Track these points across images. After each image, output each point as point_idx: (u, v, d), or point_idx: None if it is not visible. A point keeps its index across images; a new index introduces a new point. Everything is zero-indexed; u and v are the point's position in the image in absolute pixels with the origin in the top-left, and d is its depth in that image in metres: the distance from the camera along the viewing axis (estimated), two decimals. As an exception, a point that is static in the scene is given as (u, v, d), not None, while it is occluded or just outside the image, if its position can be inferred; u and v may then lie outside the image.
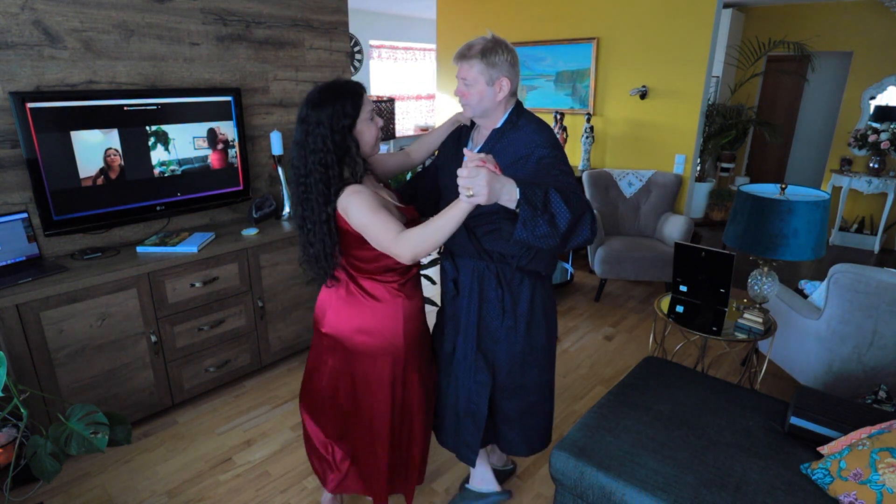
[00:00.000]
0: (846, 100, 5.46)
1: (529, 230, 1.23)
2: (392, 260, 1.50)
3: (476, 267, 1.67)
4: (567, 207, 1.25)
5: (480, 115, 1.59)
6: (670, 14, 4.00)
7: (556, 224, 1.24)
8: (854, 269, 2.26)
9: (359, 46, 6.88)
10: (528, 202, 1.21)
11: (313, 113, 1.40)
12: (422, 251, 1.33)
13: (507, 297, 1.65)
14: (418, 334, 1.68)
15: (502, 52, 1.50)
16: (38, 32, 2.15)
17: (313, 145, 1.39)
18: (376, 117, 1.50)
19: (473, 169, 1.16)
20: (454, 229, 1.29)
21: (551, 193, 1.25)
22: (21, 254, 2.17)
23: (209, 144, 2.66)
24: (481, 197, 1.17)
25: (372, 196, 1.40)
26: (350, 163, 1.43)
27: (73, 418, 1.60)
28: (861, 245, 5.30)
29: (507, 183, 1.21)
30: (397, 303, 1.59)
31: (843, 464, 1.43)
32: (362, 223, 1.39)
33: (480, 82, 1.50)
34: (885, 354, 2.27)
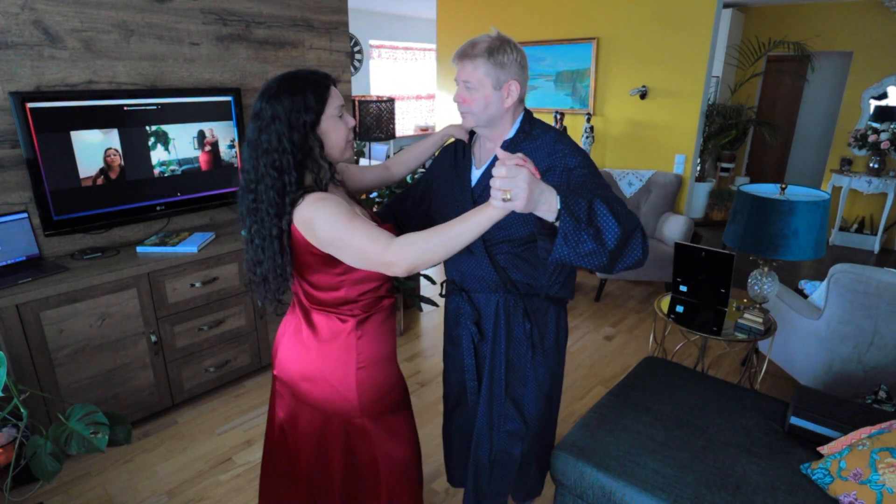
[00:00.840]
0: (846, 100, 5.46)
1: (572, 246, 1.03)
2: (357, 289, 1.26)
3: (501, 302, 1.44)
4: (616, 221, 1.05)
5: (484, 125, 1.36)
6: (670, 14, 4.00)
7: (604, 240, 1.05)
8: (854, 269, 2.26)
9: (359, 46, 6.88)
10: (569, 213, 1.01)
11: (269, 106, 1.14)
12: (426, 261, 1.07)
13: (536, 332, 1.46)
14: (380, 382, 1.34)
15: (511, 50, 1.29)
16: (38, 32, 2.15)
17: (266, 144, 1.14)
18: (347, 115, 1.25)
19: (513, 168, 0.96)
20: (472, 240, 1.06)
21: (597, 204, 1.06)
22: (21, 254, 2.17)
23: (199, 144, 2.66)
24: (519, 202, 0.96)
25: (342, 203, 1.14)
26: (312, 167, 1.18)
27: (73, 418, 1.60)
28: (861, 245, 5.30)
29: (546, 189, 1.00)
30: (349, 344, 1.28)
31: (843, 464, 1.43)
32: (335, 236, 1.11)
33: (486, 85, 1.29)
34: (885, 354, 2.27)
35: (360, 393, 1.30)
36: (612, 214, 1.05)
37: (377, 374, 1.32)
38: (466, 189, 1.43)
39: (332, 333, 1.29)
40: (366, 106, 4.26)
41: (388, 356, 1.37)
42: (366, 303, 1.29)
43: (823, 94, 6.25)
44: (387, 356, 1.36)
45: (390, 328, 1.38)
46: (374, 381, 1.32)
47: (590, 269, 1.08)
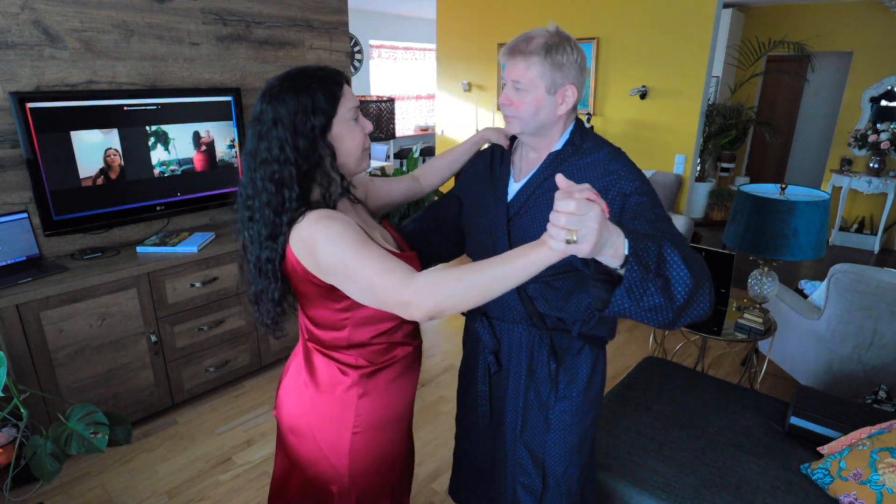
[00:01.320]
0: (846, 100, 5.46)
1: (635, 299, 0.86)
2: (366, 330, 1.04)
3: (525, 335, 1.26)
4: (689, 270, 0.89)
5: (531, 133, 1.18)
6: (670, 14, 4.00)
7: (672, 293, 0.88)
8: (854, 269, 2.27)
9: (359, 46, 6.89)
10: (638, 260, 0.84)
11: (270, 108, 0.97)
12: (453, 306, 0.84)
13: (562, 373, 1.27)
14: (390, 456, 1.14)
15: (571, 50, 1.11)
16: (38, 32, 2.15)
17: (266, 154, 0.96)
18: (363, 118, 1.06)
19: (584, 203, 0.75)
20: (517, 284, 0.84)
21: (667, 250, 0.89)
22: (21, 254, 2.17)
23: (194, 145, 2.66)
24: (585, 246, 0.76)
25: (353, 225, 0.95)
26: (322, 180, 1.00)
27: (73, 418, 1.60)
28: (861, 245, 5.30)
29: (614, 231, 0.82)
30: (349, 400, 1.06)
31: (843, 464, 1.43)
32: (340, 263, 0.90)
33: (539, 88, 1.12)
34: (885, 354, 2.27)
35: (353, 461, 1.07)
36: (685, 263, 0.89)
37: (377, 442, 1.10)
38: (501, 203, 1.23)
39: (331, 383, 1.07)
40: (366, 106, 4.26)
41: (397, 419, 1.13)
42: (376, 349, 1.06)
43: (823, 94, 6.25)
44: (394, 419, 1.12)
45: (406, 385, 1.13)
46: (371, 449, 1.09)
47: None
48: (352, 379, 1.06)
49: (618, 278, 0.87)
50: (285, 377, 1.17)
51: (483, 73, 5.42)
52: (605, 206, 0.80)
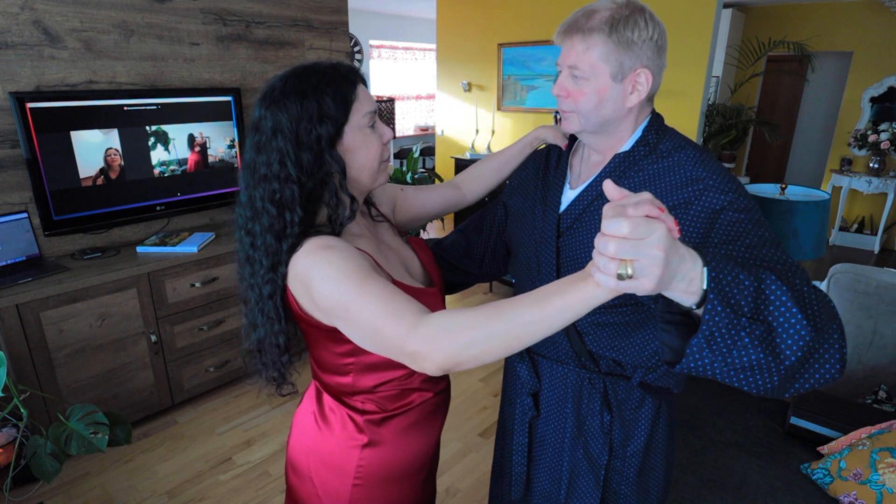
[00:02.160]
0: (846, 100, 5.46)
1: (720, 353, 0.61)
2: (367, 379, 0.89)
3: (572, 378, 1.02)
4: (802, 314, 0.62)
5: (593, 130, 0.94)
6: (670, 14, 4.00)
7: (777, 347, 0.62)
8: (854, 269, 2.26)
9: (359, 46, 6.89)
10: (723, 299, 0.59)
11: (269, 114, 0.81)
12: (472, 357, 0.67)
13: (618, 427, 1.00)
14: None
15: (646, 24, 0.88)
16: (38, 32, 2.15)
17: (265, 169, 0.82)
18: (381, 124, 0.89)
19: (643, 223, 0.52)
20: (555, 331, 0.65)
21: (771, 285, 0.62)
22: (21, 254, 2.17)
23: (189, 146, 2.66)
24: (646, 281, 0.53)
25: (353, 254, 0.78)
26: (331, 200, 0.85)
27: (73, 418, 1.60)
28: (861, 245, 5.30)
29: (687, 257, 0.58)
30: (352, 447, 0.91)
31: (843, 464, 1.43)
32: (339, 304, 0.75)
33: (603, 74, 0.88)
34: (885, 354, 2.27)
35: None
36: (797, 303, 0.62)
37: (383, 493, 0.94)
38: (552, 215, 1.00)
39: (338, 424, 0.93)
40: (366, 106, 4.27)
41: (409, 474, 0.96)
42: (385, 396, 0.91)
43: (823, 94, 6.25)
44: (406, 474, 0.95)
45: (423, 435, 0.96)
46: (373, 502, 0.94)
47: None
48: (359, 424, 0.91)
49: (696, 322, 0.63)
50: (298, 409, 1.03)
51: (483, 73, 5.42)
52: (675, 223, 0.56)
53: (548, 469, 1.08)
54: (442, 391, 0.99)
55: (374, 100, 0.88)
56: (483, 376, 2.89)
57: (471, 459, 2.25)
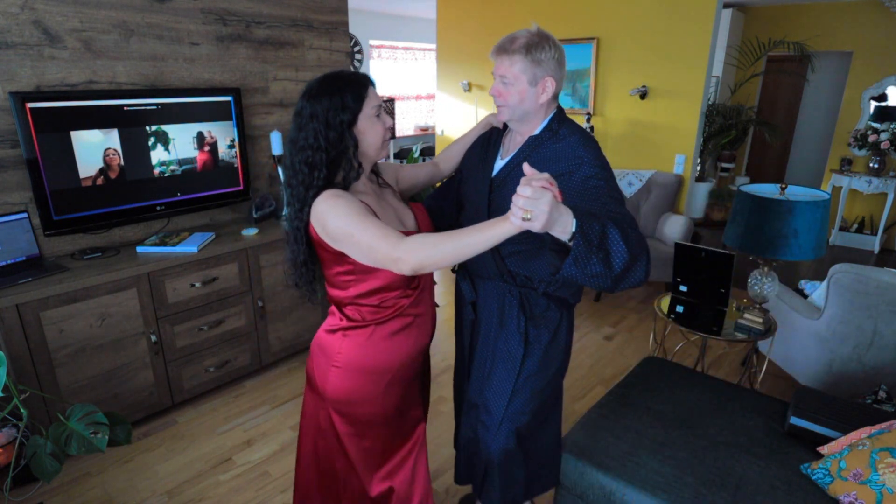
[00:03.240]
0: (846, 100, 5.46)
1: (581, 268, 1.05)
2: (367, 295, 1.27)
3: (498, 290, 1.45)
4: (626, 246, 1.07)
5: (518, 119, 1.39)
6: (670, 14, 4.00)
7: (612, 264, 1.07)
8: (854, 269, 2.26)
9: (359, 46, 6.88)
10: (583, 236, 1.02)
11: (308, 105, 1.21)
12: (433, 263, 1.08)
13: (532, 328, 1.44)
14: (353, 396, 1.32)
15: (549, 47, 1.31)
16: (38, 32, 2.15)
17: (303, 142, 1.20)
18: (385, 115, 1.28)
19: (539, 190, 0.95)
20: (483, 250, 1.05)
21: (609, 228, 1.07)
22: (21, 254, 2.17)
23: (198, 145, 2.66)
24: (537, 223, 0.96)
25: (355, 202, 1.18)
26: (345, 165, 1.23)
27: (73, 418, 1.60)
28: (861, 245, 5.30)
29: (564, 212, 1.01)
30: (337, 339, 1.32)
31: (843, 464, 1.43)
32: (346, 231, 1.14)
33: (522, 81, 1.32)
34: (885, 354, 2.27)
35: (328, 388, 1.33)
36: (623, 240, 1.07)
37: (351, 381, 1.31)
38: (486, 178, 1.44)
39: (333, 325, 1.34)
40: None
41: (376, 371, 1.31)
42: (367, 309, 1.29)
43: (823, 94, 6.25)
44: (369, 370, 1.31)
45: (392, 346, 1.31)
46: (344, 385, 1.31)
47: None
48: (344, 323, 1.31)
49: (568, 249, 1.06)
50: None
51: (483, 73, 5.42)
52: (559, 193, 1.00)
53: (480, 359, 1.53)
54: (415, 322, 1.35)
55: (380, 97, 1.27)
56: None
57: (471, 459, 2.25)
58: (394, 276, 1.24)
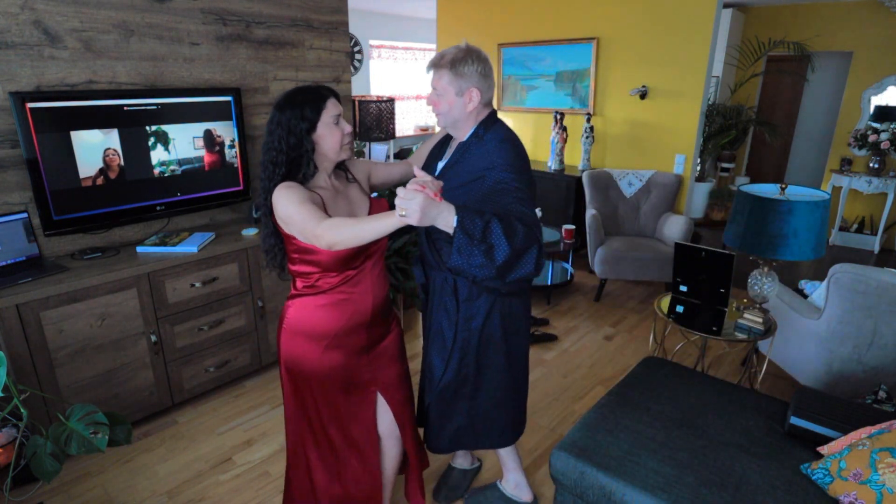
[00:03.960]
0: (846, 100, 5.46)
1: (465, 258, 1.23)
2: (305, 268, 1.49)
3: (440, 277, 1.67)
4: (507, 241, 1.22)
5: (451, 126, 1.59)
6: (670, 14, 4.00)
7: (493, 256, 1.23)
8: (854, 269, 2.26)
9: (359, 46, 6.88)
10: (464, 230, 1.21)
11: (276, 114, 1.44)
12: (339, 242, 1.30)
13: (463, 311, 1.63)
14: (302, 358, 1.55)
15: (473, 62, 1.49)
16: (38, 32, 2.15)
17: (269, 144, 1.44)
18: (343, 122, 1.49)
19: (411, 192, 1.15)
20: (378, 236, 1.26)
21: (493, 224, 1.23)
22: (21, 254, 2.17)
23: (206, 145, 2.66)
24: (412, 219, 1.15)
25: (300, 191, 1.40)
26: (304, 165, 1.45)
27: (73, 418, 1.60)
28: (861, 245, 5.30)
29: (444, 210, 1.19)
30: (287, 309, 1.56)
31: (843, 464, 1.43)
32: (286, 213, 1.38)
33: (450, 92, 1.50)
34: (885, 354, 2.27)
35: (281, 347, 1.59)
36: (505, 234, 1.23)
37: (295, 343, 1.56)
38: (433, 174, 1.65)
39: (288, 295, 1.60)
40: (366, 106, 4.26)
41: (309, 335, 1.54)
42: (307, 283, 1.53)
43: (823, 94, 6.25)
44: (306, 333, 1.54)
45: (327, 317, 1.53)
46: (290, 345, 1.57)
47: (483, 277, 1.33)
48: (291, 291, 1.58)
49: None
50: None
51: (483, 73, 5.41)
52: (436, 193, 1.18)
53: (428, 332, 1.78)
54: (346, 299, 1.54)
55: (340, 107, 1.49)
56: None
57: (471, 459, 2.25)
58: (329, 258, 1.45)
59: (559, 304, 3.86)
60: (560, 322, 3.57)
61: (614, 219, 4.17)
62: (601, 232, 3.87)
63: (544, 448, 2.33)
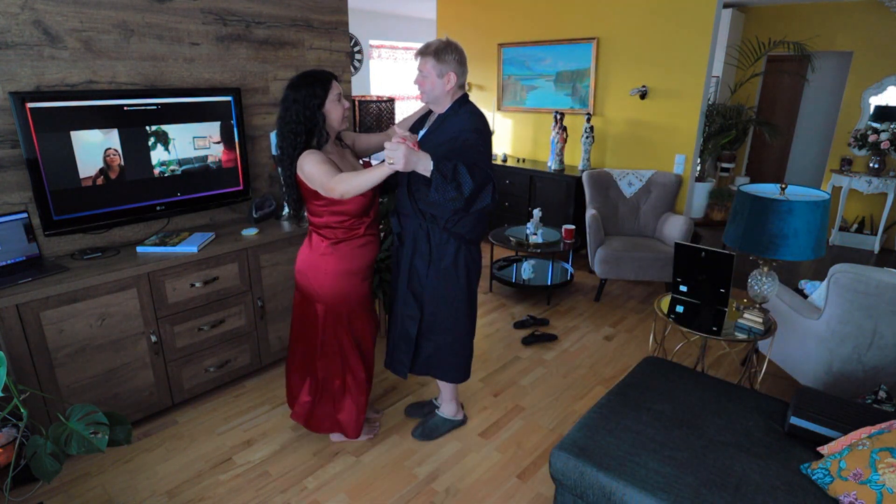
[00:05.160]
0: (846, 100, 5.46)
1: (441, 193, 1.66)
2: (335, 218, 1.93)
3: (414, 224, 2.04)
4: (471, 178, 1.67)
5: (432, 102, 2.00)
6: (670, 14, 4.00)
7: (462, 190, 1.67)
8: (854, 269, 2.26)
9: (359, 46, 6.88)
10: (439, 172, 1.64)
11: (291, 93, 1.84)
12: (349, 190, 1.74)
13: (435, 252, 2.03)
14: (347, 292, 2.03)
15: (452, 52, 1.91)
16: (38, 32, 2.15)
17: (289, 117, 1.83)
18: (343, 100, 1.93)
19: (396, 144, 1.58)
20: (374, 184, 1.71)
21: (459, 166, 1.67)
22: (21, 254, 2.17)
23: (224, 140, 2.66)
24: (398, 165, 1.59)
25: (321, 156, 1.82)
26: (318, 133, 1.86)
27: (73, 418, 1.60)
28: (861, 245, 5.30)
29: (423, 157, 1.63)
30: (327, 260, 1.98)
31: (843, 464, 1.43)
32: (310, 173, 1.80)
33: (433, 75, 1.91)
34: (885, 354, 2.27)
35: (325, 291, 2.01)
36: (469, 174, 1.67)
37: (339, 283, 2.01)
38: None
39: (317, 247, 2.00)
40: (366, 106, 4.26)
41: (352, 272, 2.02)
42: (339, 230, 1.97)
43: (823, 94, 6.25)
44: (350, 272, 2.02)
45: (359, 255, 2.02)
46: (335, 286, 2.01)
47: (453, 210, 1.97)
48: (327, 244, 1.99)
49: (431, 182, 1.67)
50: (301, 248, 2.09)
51: (483, 73, 5.42)
52: (414, 144, 1.64)
53: (402, 273, 2.12)
54: (370, 240, 2.06)
55: (340, 87, 1.93)
56: (483, 376, 2.89)
57: (471, 459, 2.25)
58: (354, 206, 1.90)
59: (559, 304, 3.86)
60: (560, 322, 3.57)
61: (614, 219, 4.17)
62: (601, 232, 3.87)
63: (544, 448, 2.33)
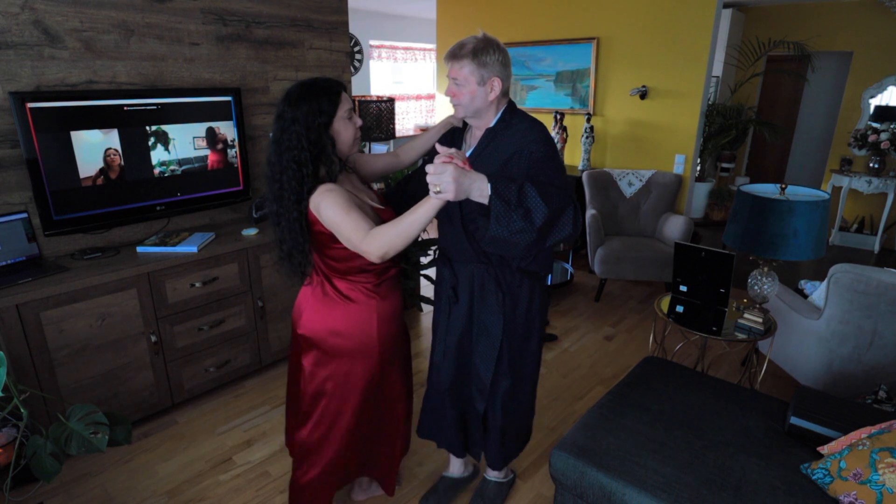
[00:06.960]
0: (846, 100, 5.46)
1: (504, 226, 1.22)
2: (365, 260, 1.46)
3: (475, 271, 1.63)
4: (543, 202, 1.23)
5: (472, 116, 1.57)
6: (670, 14, 4.00)
7: (532, 219, 1.23)
8: (854, 269, 2.26)
9: (359, 46, 6.88)
10: (499, 197, 1.20)
11: (289, 110, 1.37)
12: (391, 249, 1.30)
13: (508, 300, 1.63)
14: (395, 334, 1.65)
15: (494, 51, 1.47)
16: (38, 32, 2.15)
17: (288, 143, 1.36)
18: (355, 116, 1.47)
19: (440, 165, 1.16)
20: (424, 226, 1.28)
21: (527, 187, 1.24)
22: (21, 254, 2.17)
23: (209, 144, 2.66)
24: (449, 193, 1.16)
25: (345, 195, 1.37)
26: (326, 161, 1.40)
27: (73, 418, 1.60)
28: (861, 245, 5.30)
29: (477, 179, 1.20)
30: (371, 305, 1.55)
31: (843, 464, 1.43)
32: (333, 221, 1.36)
33: (471, 82, 1.49)
34: (885, 354, 2.27)
35: (378, 339, 1.58)
36: (541, 196, 1.24)
37: (391, 328, 1.62)
38: None
39: (355, 296, 1.55)
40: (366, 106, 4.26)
41: (397, 310, 1.65)
42: (378, 269, 1.54)
43: (823, 94, 6.25)
44: (396, 310, 1.64)
45: (397, 294, 1.65)
46: (389, 333, 1.61)
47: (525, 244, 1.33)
48: (369, 289, 1.56)
49: None
50: (308, 304, 1.59)
51: (483, 73, 5.40)
52: (465, 162, 1.20)
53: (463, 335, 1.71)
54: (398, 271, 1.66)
55: (350, 101, 1.45)
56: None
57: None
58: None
59: (559, 304, 3.86)
60: (560, 322, 3.57)
61: (614, 219, 4.17)
62: (601, 232, 3.87)
63: (544, 448, 2.33)
